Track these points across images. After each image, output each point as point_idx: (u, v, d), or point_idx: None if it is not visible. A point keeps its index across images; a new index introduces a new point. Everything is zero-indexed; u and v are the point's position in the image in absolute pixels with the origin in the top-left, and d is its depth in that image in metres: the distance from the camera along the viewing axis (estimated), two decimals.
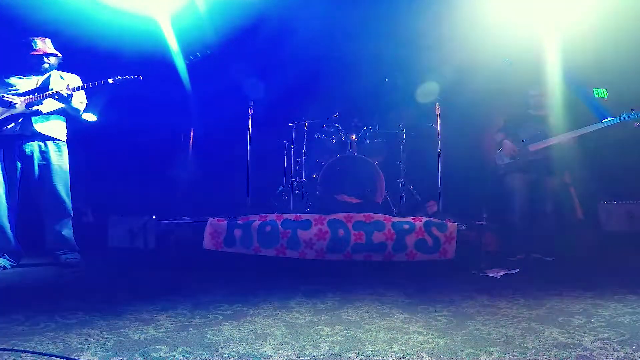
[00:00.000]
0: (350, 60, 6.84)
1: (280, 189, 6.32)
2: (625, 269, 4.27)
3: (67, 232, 4.62)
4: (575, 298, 3.14)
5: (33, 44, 4.58)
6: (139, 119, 6.40)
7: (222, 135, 7.04)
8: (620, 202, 5.95)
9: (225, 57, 6.95)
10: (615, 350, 2.08)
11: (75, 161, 4.83)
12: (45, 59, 4.62)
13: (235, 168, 6.51)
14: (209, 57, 6.29)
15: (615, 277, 3.85)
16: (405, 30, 6.22)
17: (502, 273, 4.08)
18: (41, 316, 2.65)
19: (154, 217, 5.98)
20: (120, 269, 4.62)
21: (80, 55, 5.05)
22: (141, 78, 4.59)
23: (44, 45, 4.62)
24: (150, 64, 6.08)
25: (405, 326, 2.49)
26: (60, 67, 4.78)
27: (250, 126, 6.15)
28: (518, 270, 4.22)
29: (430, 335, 2.32)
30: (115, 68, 4.97)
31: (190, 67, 6.53)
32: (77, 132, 4.99)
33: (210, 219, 4.63)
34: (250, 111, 6.17)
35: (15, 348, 2.07)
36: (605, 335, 2.29)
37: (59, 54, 4.72)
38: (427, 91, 5.90)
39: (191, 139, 7.37)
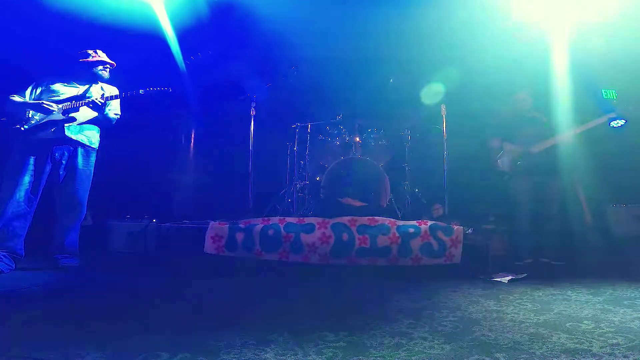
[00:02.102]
0: (354, 61, 6.84)
1: (283, 191, 6.33)
2: (635, 273, 4.26)
3: (73, 236, 4.71)
4: (584, 303, 3.14)
5: (84, 54, 4.84)
6: (139, 120, 6.42)
7: (224, 136, 7.05)
8: (630, 205, 5.93)
9: (226, 57, 6.97)
10: (625, 357, 2.08)
11: None
12: (91, 68, 4.85)
13: (237, 170, 6.52)
14: (210, 58, 6.31)
15: (625, 282, 3.85)
16: (410, 30, 6.22)
17: (509, 278, 4.07)
18: (39, 322, 2.66)
19: (154, 220, 6.00)
20: (121, 274, 4.63)
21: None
22: (170, 90, 4.75)
23: (94, 55, 4.87)
24: (150, 64, 6.12)
25: (411, 331, 2.50)
26: (105, 79, 4.97)
27: (252, 128, 6.15)
28: (525, 275, 4.22)
29: (436, 341, 2.33)
30: (115, 68, 5.03)
31: (191, 67, 6.56)
32: None
33: (212, 223, 4.64)
34: (253, 112, 6.18)
35: (14, 355, 2.08)
36: (615, 341, 2.29)
37: (109, 63, 4.94)
38: (433, 92, 5.90)
39: (192, 140, 7.39)
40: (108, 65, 4.93)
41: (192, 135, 7.37)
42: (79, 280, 4.19)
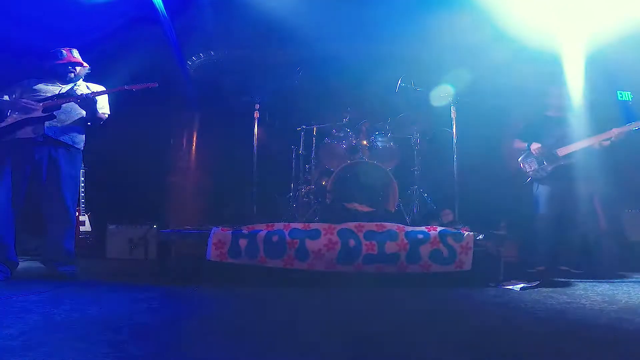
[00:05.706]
0: (360, 61, 6.85)
1: (287, 196, 6.34)
2: None
3: (68, 242, 4.65)
4: (599, 312, 3.14)
5: (59, 54, 4.73)
6: (139, 121, 6.44)
7: (227, 139, 7.06)
8: None
9: (229, 57, 7.00)
10: None
11: None
12: (70, 68, 4.76)
13: (241, 174, 6.53)
14: (213, 58, 6.34)
15: None
16: (419, 30, 6.22)
17: (521, 285, 4.07)
18: (35, 332, 2.67)
19: (154, 226, 6.03)
20: (119, 281, 4.66)
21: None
22: (157, 85, 4.69)
23: (70, 55, 4.78)
24: (150, 65, 6.15)
25: (419, 341, 2.50)
26: (88, 78, 4.91)
27: (256, 130, 6.17)
28: (538, 282, 4.21)
29: (445, 352, 2.33)
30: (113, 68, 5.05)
31: (193, 68, 6.59)
32: None
33: (214, 229, 4.64)
34: (256, 114, 6.19)
35: None
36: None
37: (85, 65, 4.86)
38: (442, 93, 5.88)
39: (194, 143, 7.41)
40: (80, 67, 4.83)
41: (194, 138, 7.38)
42: (76, 287, 4.20)
